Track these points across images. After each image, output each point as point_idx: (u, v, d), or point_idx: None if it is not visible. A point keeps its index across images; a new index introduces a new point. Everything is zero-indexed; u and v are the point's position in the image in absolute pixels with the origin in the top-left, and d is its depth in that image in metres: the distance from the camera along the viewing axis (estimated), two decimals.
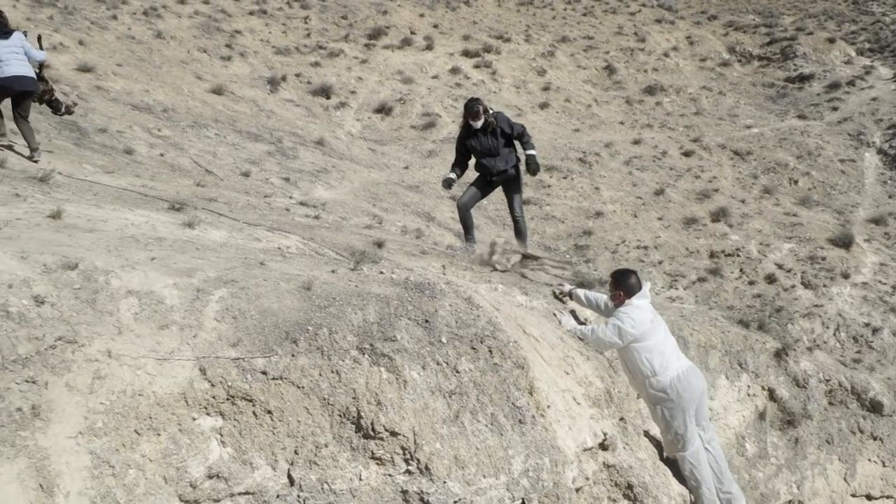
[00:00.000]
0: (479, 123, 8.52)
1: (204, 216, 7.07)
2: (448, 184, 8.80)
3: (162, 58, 18.84)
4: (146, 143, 13.46)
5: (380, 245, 7.92)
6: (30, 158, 9.00)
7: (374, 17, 24.77)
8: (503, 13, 28.00)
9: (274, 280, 4.84)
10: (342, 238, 8.03)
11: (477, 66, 23.38)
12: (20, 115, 9.24)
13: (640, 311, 6.03)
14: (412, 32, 24.51)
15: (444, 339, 4.89)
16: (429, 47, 23.81)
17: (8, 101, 9.28)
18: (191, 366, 4.07)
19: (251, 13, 22.96)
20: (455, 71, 22.79)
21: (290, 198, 12.71)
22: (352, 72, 21.86)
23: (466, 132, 8.66)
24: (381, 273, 5.67)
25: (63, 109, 10.99)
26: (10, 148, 9.33)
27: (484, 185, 8.74)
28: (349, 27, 23.92)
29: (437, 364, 4.73)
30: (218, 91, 18.19)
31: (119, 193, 7.88)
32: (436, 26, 25.45)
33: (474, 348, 4.94)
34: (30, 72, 9.27)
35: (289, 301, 4.64)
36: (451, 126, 20.21)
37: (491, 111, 8.58)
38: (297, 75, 20.83)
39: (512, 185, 8.69)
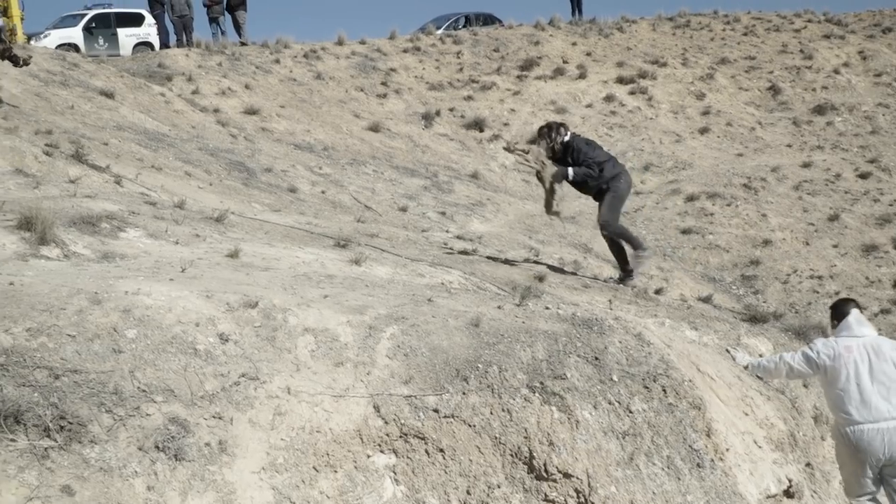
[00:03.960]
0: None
1: (368, 252, 7.26)
2: None
3: (321, 98, 19.67)
4: (308, 181, 14.05)
5: (541, 279, 7.87)
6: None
7: (525, 49, 24.88)
8: (658, 37, 27.47)
9: (442, 317, 4.89)
10: (502, 272, 8.04)
11: (632, 93, 23.02)
12: None
13: (836, 345, 5.62)
14: (564, 62, 24.43)
15: (614, 378, 4.79)
16: (582, 76, 23.65)
17: None
18: (365, 403, 4.17)
19: (405, 51, 23.60)
20: (609, 99, 22.53)
21: (447, 231, 12.89)
22: (504, 104, 22.02)
23: None
24: (547, 308, 5.63)
25: (21, 62, 12.56)
26: None
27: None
28: (501, 60, 24.13)
29: (609, 403, 4.63)
30: (375, 128, 18.77)
31: (287, 231, 8.23)
32: (588, 54, 25.27)
33: (647, 387, 4.81)
34: None
35: (458, 338, 4.68)
36: None
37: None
38: (451, 110, 21.20)
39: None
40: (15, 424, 3.37)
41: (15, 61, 12.53)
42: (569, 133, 8.56)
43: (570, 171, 8.35)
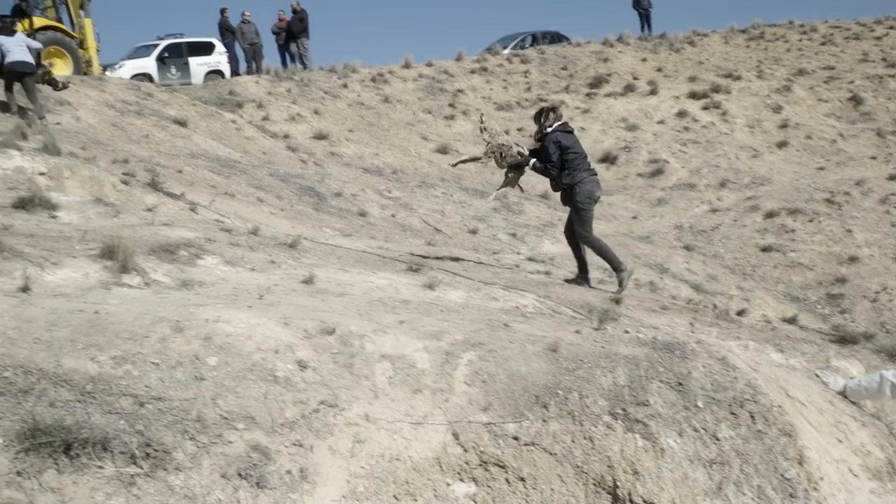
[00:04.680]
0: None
1: (441, 276, 7.29)
2: None
3: (389, 121, 19.91)
4: (378, 205, 14.21)
5: (617, 301, 7.78)
6: (39, 119, 12.52)
7: (594, 66, 24.78)
8: (731, 50, 27.06)
9: (519, 342, 4.88)
10: (577, 295, 7.97)
11: (705, 108, 22.68)
12: (28, 91, 12.63)
13: None
14: (635, 78, 24.25)
15: (700, 404, 4.70)
16: (653, 92, 23.43)
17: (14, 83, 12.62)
18: (444, 430, 4.17)
19: (472, 72, 23.73)
20: (682, 114, 22.25)
21: (518, 253, 12.88)
22: (573, 122, 21.79)
23: None
24: (627, 332, 5.56)
25: (60, 86, 13.89)
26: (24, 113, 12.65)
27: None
28: (569, 78, 24.08)
29: (695, 431, 4.54)
30: (443, 150, 18.89)
31: (359, 256, 8.31)
32: (659, 69, 25.04)
33: (734, 413, 4.71)
34: (28, 58, 12.68)
35: (536, 364, 4.66)
36: (680, 172, 19.73)
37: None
38: (519, 129, 21.19)
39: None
40: (102, 451, 3.46)
41: (54, 85, 13.78)
42: (554, 125, 8.43)
43: (532, 161, 8.49)
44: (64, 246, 5.93)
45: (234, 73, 22.49)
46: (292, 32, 22.62)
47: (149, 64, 22.26)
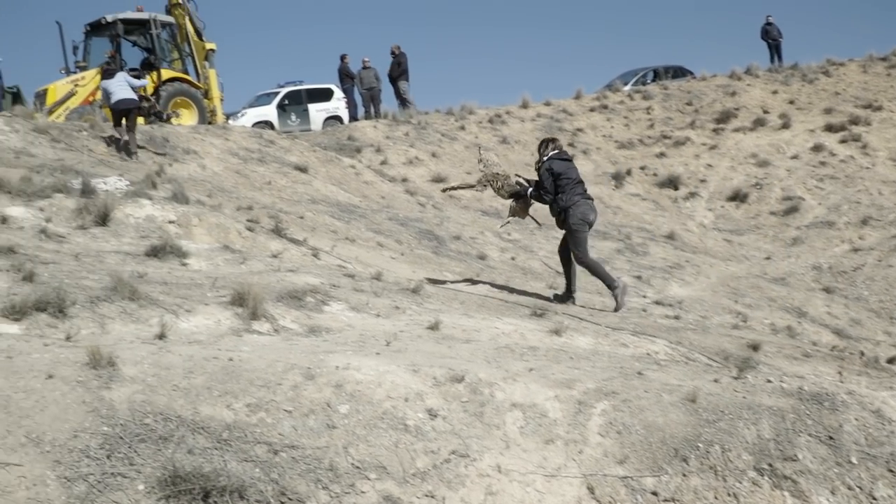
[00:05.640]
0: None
1: (567, 321, 7.24)
2: None
3: (507, 162, 19.99)
4: (497, 248, 14.25)
5: (755, 348, 7.54)
6: (130, 155, 13.49)
7: (721, 100, 24.32)
8: (870, 79, 26.06)
9: (655, 391, 4.79)
10: (711, 341, 7.77)
11: (843, 141, 21.87)
12: (129, 128, 13.68)
13: None
14: (765, 111, 23.64)
15: (853, 460, 4.49)
16: (785, 125, 22.77)
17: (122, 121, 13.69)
18: (578, 483, 4.12)
19: (592, 110, 23.68)
20: (818, 148, 21.51)
21: (644, 297, 12.62)
22: (700, 159, 21.54)
23: None
24: (769, 381, 5.38)
25: (165, 117, 15.62)
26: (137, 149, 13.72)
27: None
28: (694, 113, 23.70)
29: (849, 489, 4.34)
30: None
31: (482, 301, 8.36)
32: (791, 102, 24.34)
33: (892, 471, 4.47)
34: (131, 94, 13.86)
35: (673, 414, 4.56)
36: (817, 209, 19.05)
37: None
38: (642, 168, 20.98)
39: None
40: (239, 499, 3.57)
41: (160, 116, 15.39)
42: (550, 154, 9.08)
43: (530, 191, 9.29)
44: (196, 293, 6.20)
45: (353, 118, 23.13)
46: (391, 76, 22.93)
47: (270, 111, 23.19)
